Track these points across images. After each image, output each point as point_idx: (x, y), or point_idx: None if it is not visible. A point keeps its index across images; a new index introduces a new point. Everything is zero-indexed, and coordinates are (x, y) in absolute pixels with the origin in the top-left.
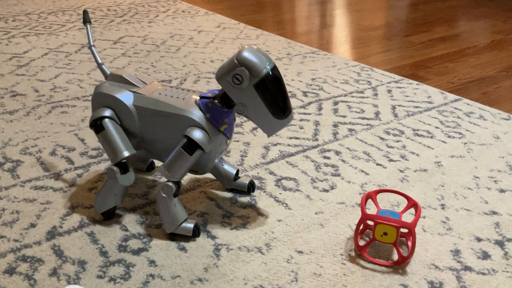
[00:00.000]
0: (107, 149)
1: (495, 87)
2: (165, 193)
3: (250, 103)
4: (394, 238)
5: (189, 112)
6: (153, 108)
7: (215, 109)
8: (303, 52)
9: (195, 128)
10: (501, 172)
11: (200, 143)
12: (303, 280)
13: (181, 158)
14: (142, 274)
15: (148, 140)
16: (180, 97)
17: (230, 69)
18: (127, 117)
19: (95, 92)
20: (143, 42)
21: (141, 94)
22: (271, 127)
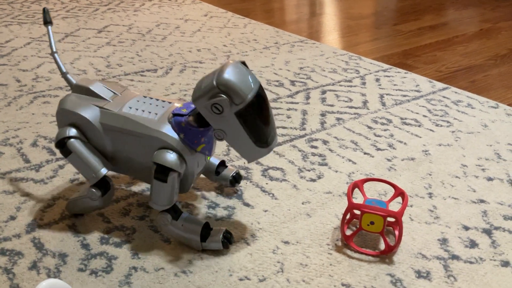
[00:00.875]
0: (82, 171)
1: (483, 75)
2: (164, 224)
3: (230, 130)
4: (381, 227)
5: (160, 133)
6: (121, 126)
7: (189, 130)
8: (291, 41)
9: (163, 151)
10: (489, 160)
11: (171, 166)
12: (289, 271)
13: (158, 187)
14: (124, 266)
15: (122, 159)
16: (153, 112)
17: (208, 95)
18: (94, 135)
19: (59, 108)
20: (128, 31)
21: (108, 110)
22: (252, 155)
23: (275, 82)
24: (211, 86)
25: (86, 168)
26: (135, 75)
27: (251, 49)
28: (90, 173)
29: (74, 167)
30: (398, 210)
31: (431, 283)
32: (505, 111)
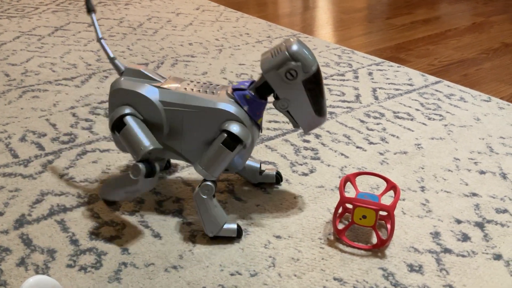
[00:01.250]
0: (130, 145)
1: (475, 69)
2: (206, 193)
3: (295, 98)
4: (373, 221)
5: (225, 105)
6: (183, 103)
7: (254, 102)
8: (283, 35)
9: (233, 122)
10: (481, 154)
11: (241, 137)
12: (280, 265)
13: (221, 154)
14: (114, 262)
15: (175, 138)
16: (209, 91)
17: (282, 63)
18: (152, 114)
19: (113, 89)
20: (119, 24)
21: (166, 89)
22: (311, 124)
23: None
24: (284, 56)
25: (135, 142)
26: None
27: (243, 43)
28: (139, 147)
29: (125, 143)
30: (390, 204)
31: (423, 276)
32: (497, 105)
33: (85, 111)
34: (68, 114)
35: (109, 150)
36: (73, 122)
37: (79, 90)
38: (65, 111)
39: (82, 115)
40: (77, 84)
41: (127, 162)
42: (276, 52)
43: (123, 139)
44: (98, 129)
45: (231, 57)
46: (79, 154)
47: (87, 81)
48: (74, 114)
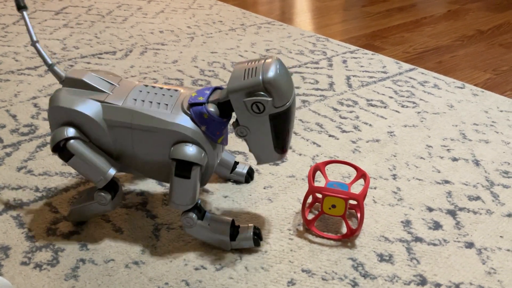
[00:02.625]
0: (87, 174)
1: (450, 56)
2: (190, 224)
3: (256, 129)
4: (343, 210)
5: (178, 126)
6: (130, 122)
7: (213, 121)
8: (258, 23)
9: (181, 145)
10: (454, 141)
11: (193, 160)
12: (247, 258)
13: (181, 185)
14: (71, 259)
15: (129, 159)
16: (162, 102)
17: (252, 91)
18: (98, 133)
19: (51, 106)
20: (88, 12)
21: (111, 104)
22: (266, 157)
23: None
24: (257, 83)
25: (92, 171)
26: (93, 57)
27: (216, 31)
28: (98, 176)
29: (77, 171)
30: (359, 193)
31: (394, 266)
32: (471, 91)
33: (47, 102)
34: (30, 104)
35: None
36: (34, 113)
37: (42, 80)
38: (26, 102)
39: (44, 106)
40: (40, 73)
41: None
42: (250, 73)
43: (77, 168)
44: None
45: (203, 45)
46: (39, 146)
47: None
48: (35, 105)
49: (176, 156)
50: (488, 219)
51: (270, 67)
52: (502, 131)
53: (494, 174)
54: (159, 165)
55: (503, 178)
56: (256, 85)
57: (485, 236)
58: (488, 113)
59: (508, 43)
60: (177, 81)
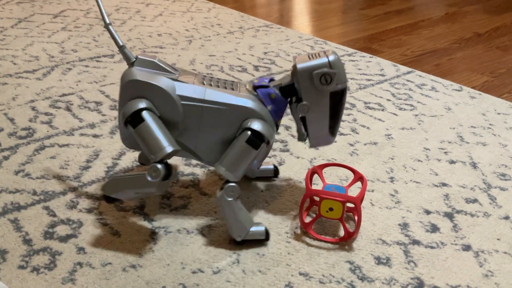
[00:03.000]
0: (147, 144)
1: (447, 58)
2: (231, 196)
3: (317, 107)
4: (340, 213)
5: (249, 102)
6: (203, 98)
7: (279, 101)
8: (256, 26)
9: (255, 119)
10: (452, 143)
11: (265, 134)
12: (245, 262)
13: (245, 153)
14: (69, 262)
15: (191, 136)
16: (228, 86)
17: (320, 66)
18: (169, 109)
19: (127, 80)
20: (86, 15)
21: (185, 83)
22: (320, 139)
23: (238, 68)
24: (324, 61)
25: (154, 141)
26: (91, 60)
27: (214, 34)
28: (158, 148)
29: (140, 140)
30: (356, 195)
31: (391, 269)
32: (468, 94)
33: (45, 105)
34: (28, 108)
35: (69, 145)
36: (32, 116)
37: (40, 83)
38: (24, 105)
39: (42, 109)
40: (38, 76)
41: (87, 158)
42: (314, 56)
43: (138, 136)
44: (58, 123)
45: (201, 48)
46: (37, 149)
47: (49, 73)
48: (33, 108)
49: (252, 126)
50: (485, 222)
51: (331, 53)
52: (500, 134)
53: (492, 176)
54: (219, 142)
55: (500, 180)
56: (323, 63)
57: (482, 239)
58: (485, 116)
59: (505, 45)
60: None
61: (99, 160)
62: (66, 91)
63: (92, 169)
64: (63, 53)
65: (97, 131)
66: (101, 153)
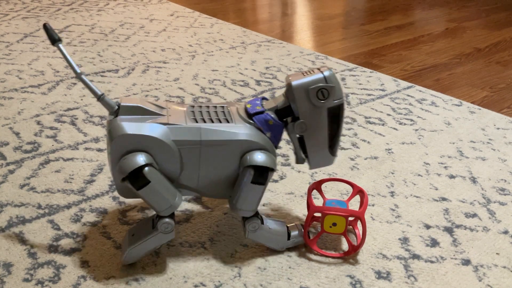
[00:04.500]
0: (153, 203)
1: (448, 73)
2: (255, 229)
3: (314, 124)
4: (343, 228)
5: (247, 135)
6: (199, 139)
7: (277, 127)
8: (258, 41)
9: (256, 152)
10: (451, 158)
11: (270, 166)
12: (246, 275)
13: (255, 191)
14: (73, 275)
15: (190, 176)
16: (221, 117)
17: (316, 81)
18: (167, 157)
19: (117, 136)
20: (91, 31)
21: (176, 125)
22: (319, 160)
23: (240, 82)
24: (319, 77)
25: (161, 198)
26: (95, 75)
27: (217, 49)
28: (166, 204)
29: (145, 199)
30: (360, 209)
31: (391, 283)
32: (468, 109)
33: (51, 119)
34: (33, 122)
35: (73, 159)
36: (38, 131)
37: (46, 98)
38: (29, 119)
39: (47, 123)
40: (43, 91)
41: (91, 171)
42: (308, 73)
43: (142, 195)
44: (62, 137)
45: (204, 63)
46: (42, 163)
47: (54, 88)
48: (38, 122)
49: (253, 163)
50: (485, 236)
51: (326, 69)
52: (499, 149)
53: (491, 191)
54: (222, 179)
55: (499, 195)
56: (319, 79)
57: (481, 253)
58: (485, 131)
59: (505, 61)
60: (178, 98)
61: (103, 174)
62: (71, 106)
63: (96, 183)
64: (68, 68)
65: (102, 145)
66: (105, 167)
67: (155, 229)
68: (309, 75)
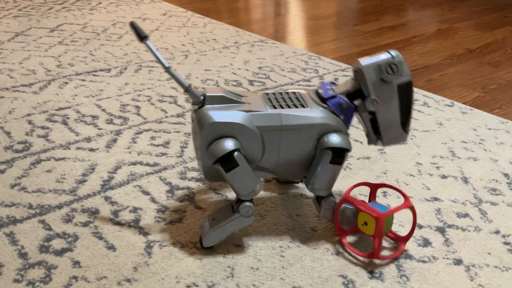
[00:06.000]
0: (238, 186)
1: (439, 74)
2: (331, 208)
3: (385, 100)
4: (373, 230)
5: (324, 119)
6: (280, 124)
7: (349, 109)
8: (251, 41)
9: (332, 134)
10: (443, 158)
11: (345, 146)
12: (239, 276)
13: (334, 172)
14: (64, 276)
15: (270, 159)
16: (296, 103)
17: (384, 59)
18: (252, 142)
19: (208, 124)
20: (83, 30)
21: (258, 112)
22: (392, 136)
23: (233, 82)
24: (387, 56)
25: (246, 182)
26: (87, 75)
27: (210, 49)
28: (250, 188)
29: (231, 182)
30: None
31: (384, 283)
32: (460, 109)
33: (42, 118)
34: (24, 121)
35: (65, 158)
36: (29, 130)
37: (37, 97)
38: (20, 119)
39: (38, 123)
40: (35, 90)
41: (83, 171)
42: (375, 54)
43: (229, 177)
44: (54, 136)
45: (197, 63)
46: (33, 163)
47: (45, 87)
48: (30, 122)
49: (332, 145)
50: (476, 236)
51: (393, 50)
52: (490, 149)
53: (483, 191)
54: (298, 161)
55: (491, 195)
56: (387, 58)
57: (473, 253)
58: (476, 131)
59: (496, 61)
60: (171, 98)
61: (95, 173)
62: (62, 105)
63: (88, 183)
64: (60, 67)
65: (93, 144)
66: (97, 166)
67: (236, 212)
68: (376, 55)
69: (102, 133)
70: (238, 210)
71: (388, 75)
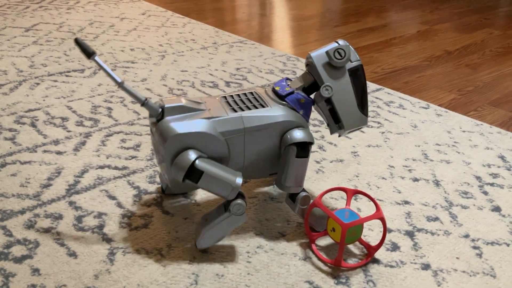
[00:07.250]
0: (218, 187)
1: (417, 76)
2: (306, 203)
3: (339, 86)
4: (339, 237)
5: (285, 116)
6: (243, 127)
7: (307, 104)
8: (230, 42)
9: (294, 130)
10: (416, 161)
11: (308, 140)
12: (203, 283)
13: (301, 166)
14: (22, 284)
15: (237, 161)
16: (255, 103)
17: (331, 46)
18: (217, 148)
19: (170, 137)
20: (59, 29)
21: (220, 118)
22: (352, 120)
23: (210, 83)
24: (333, 44)
25: (222, 183)
26: (60, 75)
27: (187, 49)
28: (229, 188)
29: (208, 189)
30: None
31: None
32: (435, 112)
33: (10, 120)
34: None
35: (31, 162)
36: None
37: (7, 98)
38: None
39: (6, 125)
40: (5, 91)
41: (49, 175)
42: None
43: (206, 185)
44: (21, 139)
45: (174, 64)
46: None
47: (16, 88)
48: None
49: (295, 140)
50: (446, 240)
51: (340, 40)
52: (464, 151)
53: (454, 194)
54: (264, 160)
55: (462, 198)
56: (334, 46)
57: (441, 258)
58: (450, 133)
59: (474, 63)
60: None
61: (60, 177)
62: (32, 107)
63: (53, 187)
64: (32, 67)
65: (61, 147)
66: (63, 170)
67: (227, 211)
68: (324, 46)
69: (70, 136)
70: (229, 209)
71: (337, 60)
